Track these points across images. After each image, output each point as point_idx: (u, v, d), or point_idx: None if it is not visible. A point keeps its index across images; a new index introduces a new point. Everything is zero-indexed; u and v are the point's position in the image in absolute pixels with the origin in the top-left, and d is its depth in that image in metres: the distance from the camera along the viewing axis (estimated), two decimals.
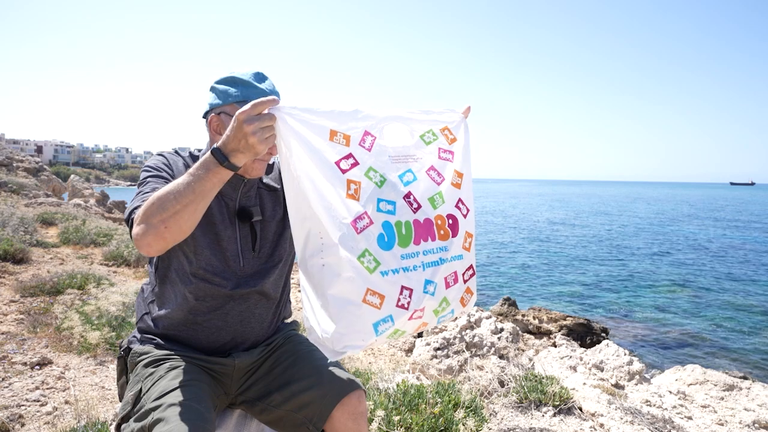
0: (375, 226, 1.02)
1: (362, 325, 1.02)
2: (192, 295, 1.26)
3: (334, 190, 0.99)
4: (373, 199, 1.03)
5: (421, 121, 1.22)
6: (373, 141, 1.08)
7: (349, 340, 1.02)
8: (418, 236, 1.09)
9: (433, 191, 1.15)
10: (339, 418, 1.26)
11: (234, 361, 1.29)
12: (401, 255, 1.06)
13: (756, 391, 3.43)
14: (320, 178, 1.00)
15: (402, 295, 1.05)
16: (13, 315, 3.71)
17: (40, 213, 8.60)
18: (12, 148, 19.67)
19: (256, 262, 1.32)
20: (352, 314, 1.01)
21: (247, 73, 1.24)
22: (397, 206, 1.07)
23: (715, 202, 69.08)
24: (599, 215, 42.29)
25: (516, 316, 8.57)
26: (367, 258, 1.00)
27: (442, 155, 1.20)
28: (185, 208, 0.99)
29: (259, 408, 1.31)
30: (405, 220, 1.07)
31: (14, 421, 2.29)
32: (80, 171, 63.44)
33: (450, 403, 2.34)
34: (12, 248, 5.26)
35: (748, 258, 19.02)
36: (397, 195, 1.07)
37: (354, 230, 0.99)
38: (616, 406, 2.64)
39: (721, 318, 10.79)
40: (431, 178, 1.16)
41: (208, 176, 0.99)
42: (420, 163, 1.16)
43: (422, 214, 1.11)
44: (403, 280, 1.05)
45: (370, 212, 1.02)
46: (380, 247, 1.03)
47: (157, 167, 1.25)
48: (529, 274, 15.70)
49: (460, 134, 1.26)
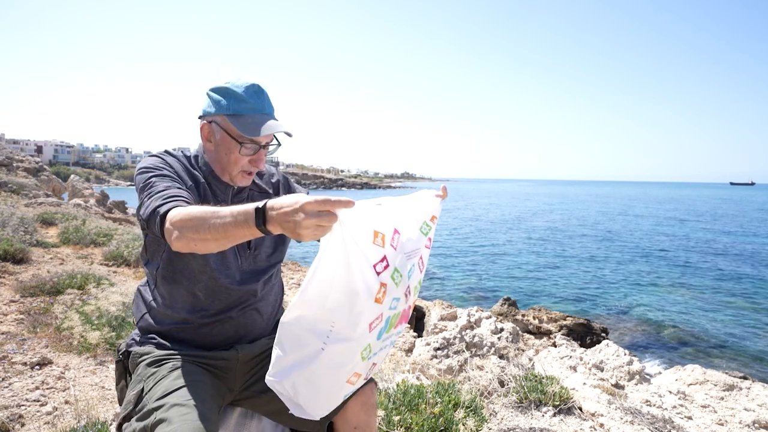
0: (381, 321, 1.06)
1: (338, 398, 1.13)
2: (202, 294, 1.28)
3: (367, 292, 0.98)
4: (390, 300, 1.05)
5: (418, 208, 1.21)
6: (398, 239, 1.07)
7: (322, 410, 1.11)
8: (400, 321, 1.17)
9: (417, 279, 1.20)
10: (353, 409, 1.28)
11: (237, 354, 1.30)
12: (384, 338, 1.14)
13: (756, 391, 3.44)
14: (357, 279, 0.97)
15: (371, 370, 1.17)
16: (13, 315, 3.71)
17: (40, 213, 8.60)
18: (12, 148, 19.67)
19: (253, 260, 1.35)
20: (335, 391, 1.10)
21: (241, 86, 1.25)
22: (400, 301, 1.12)
23: (715, 203, 69.07)
24: (599, 215, 42.29)
25: (516, 316, 8.57)
26: (366, 350, 1.07)
27: (427, 244, 1.24)
28: (214, 241, 1.00)
29: (266, 399, 1.31)
30: (400, 311, 1.14)
31: (14, 421, 2.29)
32: (80, 171, 63.45)
33: (450, 403, 2.34)
34: (12, 248, 5.26)
35: (748, 258, 19.02)
36: (402, 291, 1.11)
37: (368, 329, 1.03)
38: (616, 406, 2.64)
39: (721, 318, 10.79)
40: (419, 267, 1.20)
41: (239, 225, 0.96)
42: (416, 253, 1.18)
43: (410, 302, 1.18)
44: (377, 359, 1.16)
45: (384, 313, 1.06)
46: (377, 339, 1.10)
47: (156, 166, 1.24)
48: (529, 274, 15.70)
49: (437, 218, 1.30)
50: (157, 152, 1.34)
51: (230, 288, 1.29)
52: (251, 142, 1.27)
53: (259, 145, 1.29)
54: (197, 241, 1.01)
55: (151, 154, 1.32)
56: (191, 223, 1.01)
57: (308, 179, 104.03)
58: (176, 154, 1.35)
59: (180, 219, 1.03)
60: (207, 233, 0.99)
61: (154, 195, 1.14)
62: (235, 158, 1.28)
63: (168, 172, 1.24)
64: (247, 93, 1.25)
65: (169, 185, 1.17)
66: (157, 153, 1.33)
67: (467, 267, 16.90)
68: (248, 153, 1.28)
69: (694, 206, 58.46)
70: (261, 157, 1.31)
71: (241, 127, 1.24)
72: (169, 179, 1.21)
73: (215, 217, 0.98)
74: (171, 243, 1.05)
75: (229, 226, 0.97)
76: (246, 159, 1.29)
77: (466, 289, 13.38)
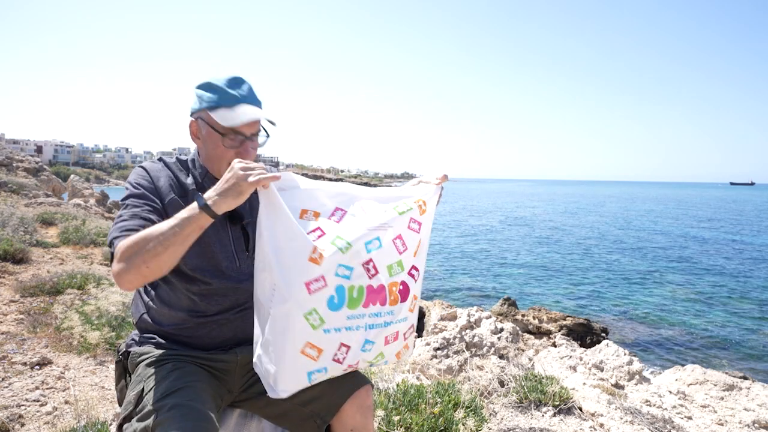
0: (328, 289, 1.09)
1: (297, 373, 1.11)
2: (196, 296, 1.27)
3: (298, 251, 1.06)
4: (333, 264, 1.09)
5: (398, 198, 1.27)
6: (343, 214, 1.17)
7: (284, 384, 1.12)
8: (369, 300, 1.15)
9: (393, 260, 1.20)
10: (348, 412, 1.27)
11: (237, 356, 1.30)
12: (347, 316, 1.12)
13: (756, 391, 3.44)
14: (285, 239, 1.07)
15: (339, 351, 1.14)
16: (13, 315, 3.71)
17: (40, 213, 8.59)
18: (12, 148, 19.65)
19: (251, 261, 1.32)
20: (290, 362, 1.10)
21: (222, 79, 1.26)
22: (354, 272, 1.12)
23: (715, 203, 69.06)
24: (599, 215, 42.29)
25: (516, 316, 8.57)
26: (313, 316, 1.08)
27: (411, 225, 1.25)
28: (166, 251, 1.05)
29: (264, 402, 1.30)
30: (359, 285, 1.13)
31: (14, 421, 2.29)
32: (80, 171, 63.36)
33: (450, 403, 2.34)
34: (12, 248, 5.26)
35: (748, 258, 19.02)
36: (357, 261, 1.12)
37: (306, 290, 1.06)
38: (616, 406, 2.64)
39: (721, 318, 10.79)
40: (396, 246, 1.21)
41: (189, 222, 1.06)
42: (390, 231, 1.20)
43: (377, 281, 1.16)
44: (344, 338, 1.13)
45: (327, 276, 1.08)
46: (328, 308, 1.09)
47: (138, 185, 1.26)
48: (529, 274, 15.70)
49: (431, 205, 1.31)
50: (147, 163, 1.34)
51: (227, 290, 1.29)
52: (233, 133, 1.26)
53: (244, 135, 1.27)
54: (149, 261, 1.06)
55: (141, 165, 1.33)
56: (138, 245, 1.07)
57: None
58: (169, 162, 1.36)
59: (125, 248, 1.08)
60: (158, 245, 1.05)
61: (119, 223, 1.19)
62: (221, 152, 1.27)
63: (148, 193, 1.25)
64: (228, 84, 1.25)
65: (138, 213, 1.19)
66: (147, 164, 1.33)
67: (467, 267, 16.90)
68: (233, 145, 1.27)
69: (694, 206, 58.47)
70: (247, 148, 1.28)
71: (221, 118, 1.23)
72: (145, 204, 1.22)
73: (160, 229, 1.07)
74: (120, 282, 1.10)
75: (177, 228, 1.05)
76: (232, 152, 1.27)
77: (466, 289, 13.38)
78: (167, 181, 1.30)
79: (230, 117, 1.23)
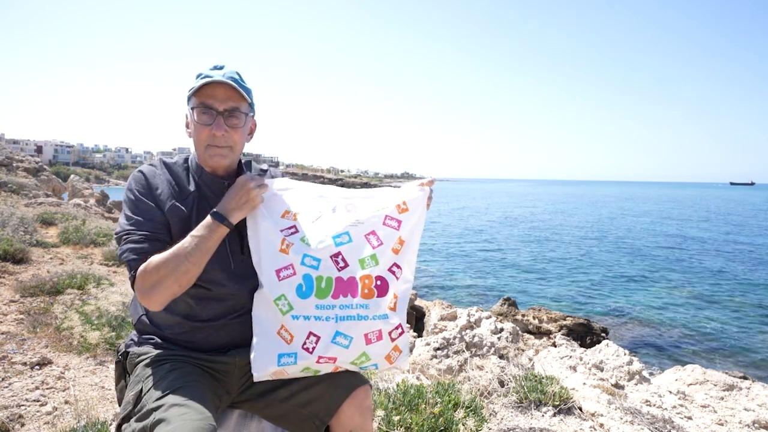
0: (296, 277, 1.21)
1: (269, 353, 1.21)
2: (193, 300, 1.27)
3: (272, 244, 1.24)
4: (300, 254, 1.23)
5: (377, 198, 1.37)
6: (320, 214, 1.31)
7: (259, 365, 1.21)
8: (338, 291, 1.22)
9: (365, 254, 1.27)
10: (347, 413, 1.27)
11: (235, 359, 1.30)
12: (316, 305, 1.21)
13: (756, 391, 3.43)
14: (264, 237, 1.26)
15: (309, 339, 1.20)
16: (13, 315, 3.70)
17: (40, 213, 8.59)
18: (12, 148, 19.65)
19: (246, 263, 1.31)
20: (265, 340, 1.22)
21: (207, 67, 1.30)
22: (322, 263, 1.23)
23: (715, 203, 69.04)
24: (599, 215, 42.29)
25: (516, 316, 8.57)
26: (282, 301, 1.20)
27: (387, 222, 1.31)
28: (194, 266, 1.16)
29: (263, 404, 1.31)
30: (327, 276, 1.22)
31: (14, 421, 2.29)
32: (80, 171, 63.34)
33: (450, 403, 2.34)
34: (12, 248, 5.25)
35: (748, 258, 19.02)
36: (325, 254, 1.24)
37: (276, 277, 1.22)
38: (616, 406, 2.64)
39: (721, 318, 10.79)
40: (368, 241, 1.28)
41: (210, 236, 1.18)
42: (361, 227, 1.29)
43: (347, 273, 1.24)
44: (313, 327, 1.20)
45: (295, 265, 1.22)
46: (297, 295, 1.20)
47: (139, 193, 1.26)
48: (529, 274, 15.70)
49: (414, 205, 1.36)
50: (149, 164, 1.34)
51: (224, 295, 1.28)
52: (203, 107, 1.25)
53: (215, 111, 1.25)
54: (181, 279, 1.15)
55: (139, 170, 1.32)
56: (168, 268, 1.14)
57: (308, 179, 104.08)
58: (169, 163, 1.35)
59: (151, 273, 1.15)
60: (187, 263, 1.15)
61: (126, 238, 1.22)
62: (198, 134, 1.27)
63: (148, 200, 1.25)
64: (211, 69, 1.28)
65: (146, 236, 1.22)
66: (146, 168, 1.32)
67: (467, 267, 16.90)
68: (205, 121, 1.25)
69: (694, 206, 58.45)
70: (220, 123, 1.25)
71: (190, 92, 1.27)
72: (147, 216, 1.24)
73: (183, 249, 1.16)
74: (151, 304, 1.18)
75: (201, 244, 1.15)
76: (206, 130, 1.25)
77: (466, 289, 13.38)
78: (167, 185, 1.29)
79: (194, 85, 1.26)
